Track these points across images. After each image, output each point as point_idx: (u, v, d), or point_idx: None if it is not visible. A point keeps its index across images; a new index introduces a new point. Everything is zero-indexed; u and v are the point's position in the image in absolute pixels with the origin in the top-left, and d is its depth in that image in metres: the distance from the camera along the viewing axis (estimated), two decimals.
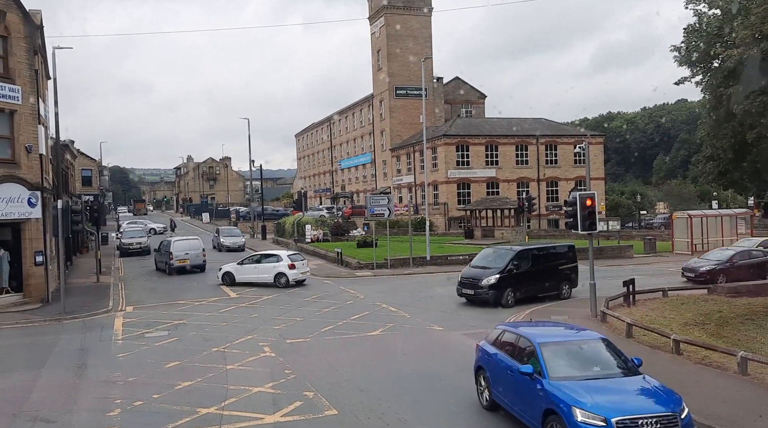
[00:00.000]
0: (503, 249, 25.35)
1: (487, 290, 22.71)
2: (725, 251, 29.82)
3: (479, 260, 24.98)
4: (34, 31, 25.29)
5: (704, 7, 20.11)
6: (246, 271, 29.46)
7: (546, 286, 24.23)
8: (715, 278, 26.88)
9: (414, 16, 71.05)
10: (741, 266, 27.98)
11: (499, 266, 23.35)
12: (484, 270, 23.50)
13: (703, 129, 22.77)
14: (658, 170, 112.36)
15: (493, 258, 24.26)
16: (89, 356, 16.83)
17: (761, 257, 28.94)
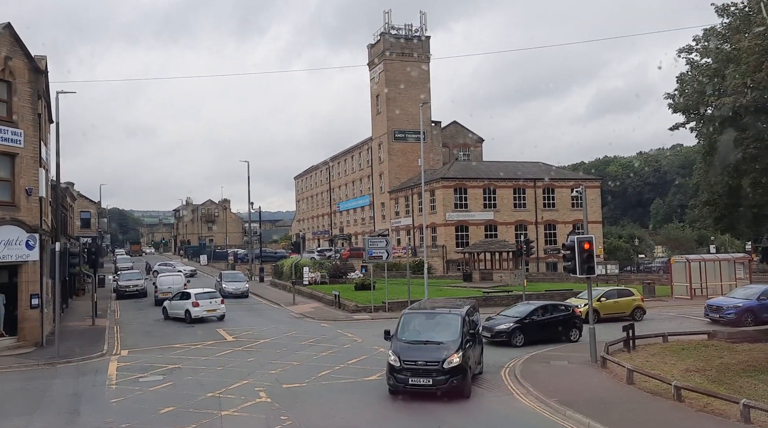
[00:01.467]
0: None
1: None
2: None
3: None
4: (38, 76, 25.70)
5: (696, 56, 20.56)
6: (173, 306, 32.87)
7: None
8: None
9: (412, 62, 72.40)
10: None
11: None
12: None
13: (699, 174, 23.00)
14: (656, 214, 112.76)
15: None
16: (82, 401, 16.56)
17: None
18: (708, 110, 19.62)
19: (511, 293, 38.99)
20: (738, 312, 27.07)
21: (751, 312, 27.08)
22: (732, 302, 28.06)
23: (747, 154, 17.59)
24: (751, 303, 27.54)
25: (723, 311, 27.64)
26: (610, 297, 30.71)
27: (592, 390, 16.53)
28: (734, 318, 26.84)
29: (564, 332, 24.67)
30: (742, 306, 27.25)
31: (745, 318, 26.64)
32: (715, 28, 20.08)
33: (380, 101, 73.83)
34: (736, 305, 27.40)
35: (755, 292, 28.42)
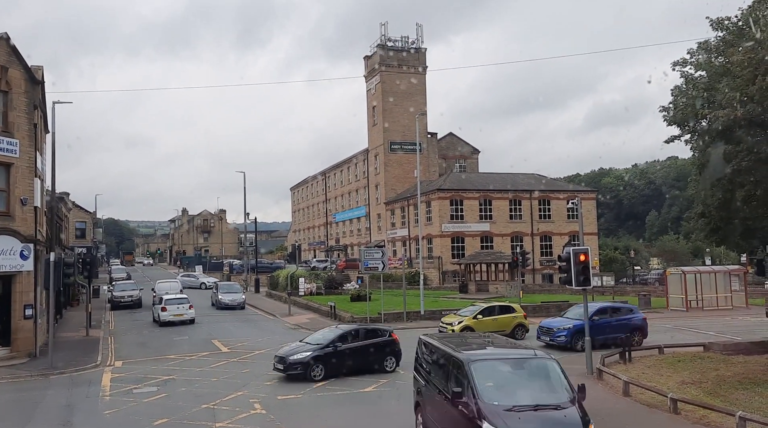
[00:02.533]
0: None
1: None
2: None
3: None
4: (35, 87, 25.73)
5: (691, 69, 20.71)
6: (154, 311, 36.90)
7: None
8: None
9: (408, 74, 72.69)
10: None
11: None
12: None
13: (694, 187, 23.07)
14: (651, 226, 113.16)
15: None
16: (75, 413, 16.44)
17: None
18: (702, 123, 19.73)
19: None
20: (569, 334, 24.72)
21: (583, 334, 23.30)
22: (564, 323, 25.61)
23: (741, 167, 17.67)
24: (583, 324, 23.64)
25: (553, 333, 25.25)
26: (490, 314, 28.41)
27: (588, 402, 16.37)
28: (565, 341, 24.63)
29: (377, 361, 20.89)
30: (573, 328, 24.77)
31: (576, 341, 24.08)
32: (709, 42, 20.25)
33: (376, 112, 74.06)
34: (566, 327, 25.03)
35: (589, 311, 25.74)
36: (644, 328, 26.16)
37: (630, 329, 25.44)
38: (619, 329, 25.27)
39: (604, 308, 26.50)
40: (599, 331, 24.38)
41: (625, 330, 25.19)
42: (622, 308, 27.12)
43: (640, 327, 26.10)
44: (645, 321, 26.45)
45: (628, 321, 25.98)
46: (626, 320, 26.07)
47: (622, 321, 25.91)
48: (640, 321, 26.26)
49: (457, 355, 11.87)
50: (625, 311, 26.88)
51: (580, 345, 23.19)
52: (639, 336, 25.62)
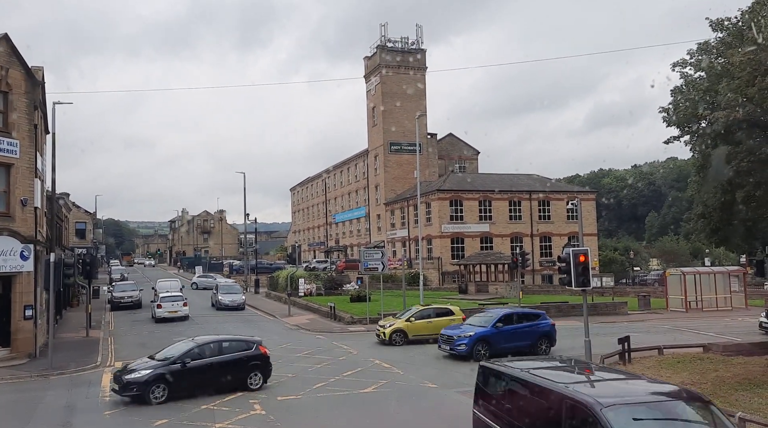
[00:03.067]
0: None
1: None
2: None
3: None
4: (35, 87, 25.75)
5: (690, 69, 20.73)
6: (153, 308, 38.71)
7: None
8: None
9: (408, 74, 72.75)
10: None
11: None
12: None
13: (693, 188, 23.07)
14: (650, 227, 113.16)
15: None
16: (75, 414, 16.45)
17: None
18: (702, 124, 19.75)
19: (506, 305, 38.95)
20: (470, 343, 22.96)
21: (485, 342, 23.17)
22: (465, 331, 23.75)
23: (740, 168, 17.68)
24: (485, 331, 23.54)
25: (453, 342, 23.30)
26: (424, 317, 27.82)
27: None
28: (465, 350, 22.84)
29: (239, 378, 18.51)
30: (474, 336, 23.18)
31: (478, 350, 22.76)
32: (709, 43, 20.27)
33: (376, 113, 74.08)
34: (467, 335, 23.25)
35: (492, 317, 24.39)
36: (552, 335, 24.79)
37: (537, 336, 24.32)
38: (525, 336, 24.06)
39: (509, 315, 24.92)
40: (503, 339, 23.37)
41: (532, 337, 24.18)
42: (529, 315, 25.65)
43: (548, 334, 24.74)
44: (553, 328, 24.99)
45: (535, 328, 24.59)
46: (533, 327, 24.61)
47: (529, 328, 24.52)
48: (548, 328, 24.83)
49: (576, 396, 8.47)
50: (532, 317, 25.31)
51: (481, 354, 22.35)
52: (546, 343, 24.48)
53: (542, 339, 24.43)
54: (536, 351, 23.31)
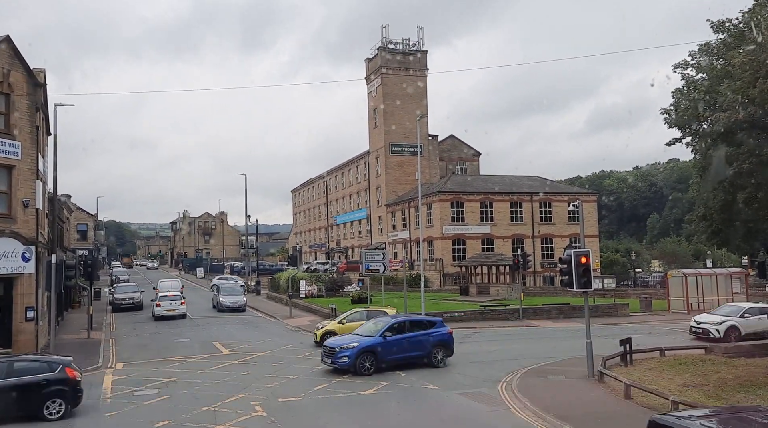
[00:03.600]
0: None
1: None
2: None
3: None
4: (37, 89, 25.77)
5: (692, 71, 20.73)
6: (153, 307, 40.23)
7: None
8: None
9: (409, 76, 72.75)
10: None
11: None
12: None
13: (695, 189, 23.07)
14: (652, 229, 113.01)
15: None
16: (76, 415, 16.43)
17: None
18: (703, 125, 19.74)
19: (507, 307, 38.96)
20: (353, 355, 20.75)
21: (371, 354, 21.01)
22: (349, 341, 21.68)
23: (742, 169, 17.68)
24: (371, 342, 21.37)
25: (335, 354, 21.05)
26: (356, 320, 27.04)
27: (589, 405, 16.50)
28: (348, 363, 20.67)
29: (31, 407, 15.85)
30: (358, 347, 20.99)
31: (362, 363, 20.73)
32: (710, 44, 20.27)
33: (377, 115, 74.09)
34: (351, 346, 21.06)
35: (381, 326, 22.29)
36: (449, 343, 22.88)
37: (432, 345, 22.31)
38: (418, 346, 22.17)
39: (400, 323, 22.69)
40: (392, 350, 21.53)
41: (426, 347, 22.22)
42: (423, 322, 23.53)
43: (444, 343, 22.73)
44: (450, 336, 23.06)
45: (429, 337, 22.49)
46: (427, 335, 22.50)
47: (423, 337, 22.42)
48: (444, 336, 22.85)
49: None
50: (427, 325, 23.21)
51: (366, 367, 20.66)
52: (443, 353, 22.52)
53: (437, 349, 22.41)
54: (431, 361, 21.90)
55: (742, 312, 28.35)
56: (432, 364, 21.95)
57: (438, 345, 22.50)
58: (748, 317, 28.11)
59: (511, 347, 26.87)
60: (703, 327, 28.27)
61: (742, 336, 27.18)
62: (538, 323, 35.41)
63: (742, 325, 27.73)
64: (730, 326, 27.61)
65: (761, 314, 28.48)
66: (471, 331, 32.16)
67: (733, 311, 28.87)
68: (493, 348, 26.59)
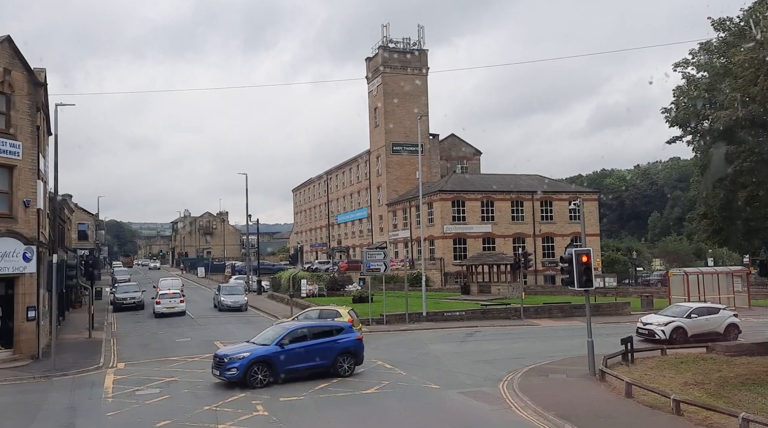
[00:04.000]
0: None
1: None
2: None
3: None
4: (37, 89, 25.78)
5: (693, 69, 20.72)
6: (153, 305, 41.66)
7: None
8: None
9: (410, 75, 72.73)
10: None
11: None
12: None
13: (696, 188, 23.06)
14: (653, 227, 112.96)
15: None
16: (78, 415, 16.45)
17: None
18: (704, 123, 19.73)
19: (509, 305, 38.97)
20: (242, 366, 18.80)
21: (265, 364, 19.18)
22: (240, 351, 19.74)
23: (743, 167, 17.67)
24: (265, 351, 19.52)
25: (224, 366, 19.05)
26: (310, 318, 27.27)
27: (591, 404, 16.49)
28: (237, 375, 18.74)
29: None
30: (250, 357, 19.12)
31: (253, 375, 18.84)
32: (711, 43, 20.25)
33: (378, 114, 74.08)
34: (241, 356, 19.17)
35: (279, 334, 20.45)
36: (357, 351, 21.08)
37: (337, 353, 20.51)
38: (320, 354, 20.36)
39: (300, 330, 20.81)
40: (291, 359, 19.65)
41: (330, 355, 20.39)
42: (328, 329, 21.62)
43: (351, 350, 20.88)
44: (359, 343, 21.21)
45: (334, 344, 20.66)
46: (331, 343, 20.67)
47: (327, 344, 20.61)
48: (351, 343, 20.98)
49: None
50: (331, 331, 21.36)
51: (259, 379, 18.84)
52: (350, 361, 20.69)
53: (343, 357, 20.63)
54: (337, 370, 20.26)
55: (688, 313, 27.44)
56: (337, 373, 20.20)
57: (345, 352, 20.70)
58: (695, 318, 27.15)
59: (512, 346, 26.87)
60: (649, 329, 27.31)
61: (688, 337, 26.32)
62: (540, 322, 35.40)
63: (689, 326, 26.83)
64: (676, 326, 26.68)
65: (709, 315, 27.65)
66: (472, 330, 32.19)
67: (680, 311, 27.95)
68: (494, 347, 26.60)
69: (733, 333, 27.47)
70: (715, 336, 26.64)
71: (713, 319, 27.63)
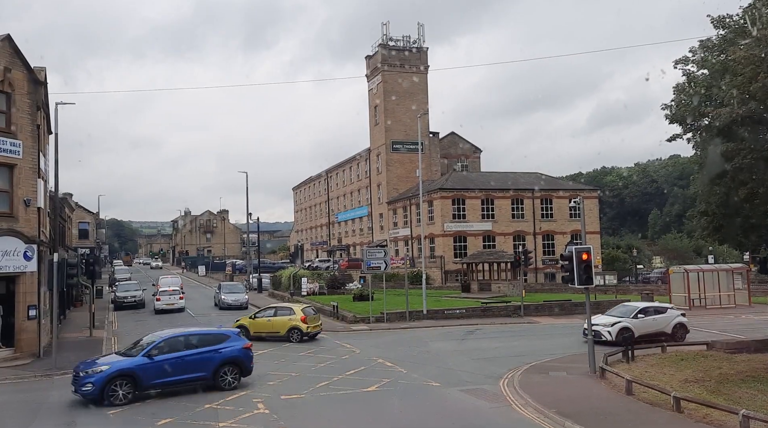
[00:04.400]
0: None
1: None
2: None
3: None
4: (37, 88, 25.77)
5: (693, 67, 20.70)
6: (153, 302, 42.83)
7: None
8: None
9: (410, 73, 72.66)
10: None
11: None
12: None
13: (696, 185, 23.05)
14: (653, 225, 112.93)
15: None
16: (79, 413, 16.47)
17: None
18: (704, 121, 19.73)
19: (509, 303, 38.98)
20: (100, 381, 16.87)
21: (129, 378, 17.21)
22: (105, 362, 17.81)
23: (743, 165, 17.67)
24: (129, 363, 17.57)
25: (80, 381, 17.07)
26: (267, 316, 29.06)
27: (591, 401, 16.51)
28: (93, 392, 16.85)
29: None
30: (110, 370, 17.17)
31: (113, 391, 16.92)
32: (711, 40, 20.23)
33: (378, 112, 74.05)
34: (99, 370, 17.21)
35: (148, 343, 18.50)
36: (244, 361, 19.13)
37: (218, 364, 18.56)
38: (198, 366, 18.35)
39: (175, 340, 18.77)
40: (160, 372, 17.72)
41: (209, 366, 18.43)
42: (208, 337, 19.37)
43: (235, 361, 18.93)
44: (245, 352, 19.27)
45: (215, 354, 18.65)
46: (211, 353, 18.65)
47: (206, 354, 18.60)
48: (236, 353, 19.02)
49: None
50: (212, 340, 19.15)
51: (119, 395, 16.92)
52: (235, 373, 18.81)
53: (227, 368, 18.68)
54: (218, 383, 18.38)
55: (635, 313, 26.43)
56: (219, 387, 18.32)
57: (228, 363, 18.75)
58: (642, 318, 26.27)
59: (512, 343, 26.90)
60: (595, 330, 24.75)
61: (635, 338, 24.93)
62: (540, 319, 35.42)
63: (635, 326, 25.81)
64: (623, 327, 25.64)
65: (656, 314, 26.82)
66: (473, 328, 32.20)
67: (627, 311, 26.87)
68: (494, 345, 26.63)
69: (681, 333, 26.71)
70: (663, 337, 25.86)
71: (661, 319, 26.80)
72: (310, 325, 28.26)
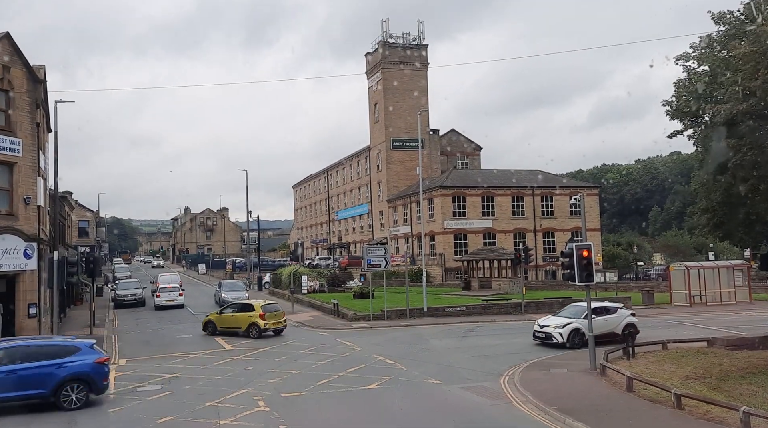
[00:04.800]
0: None
1: None
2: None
3: None
4: (37, 86, 25.74)
5: (694, 63, 20.66)
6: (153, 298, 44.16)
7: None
8: None
9: (410, 70, 72.53)
10: None
11: None
12: None
13: (697, 182, 23.02)
14: (654, 222, 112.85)
15: None
16: (79, 411, 16.44)
17: None
18: (705, 117, 19.69)
19: (510, 301, 38.96)
20: None
21: None
22: None
23: (744, 161, 17.63)
24: None
25: None
26: (230, 312, 30.47)
27: (592, 398, 16.50)
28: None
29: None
30: None
31: None
32: (711, 36, 20.20)
33: (378, 109, 73.95)
34: None
35: None
36: (95, 377, 16.84)
37: (60, 381, 16.34)
38: (36, 382, 16.20)
39: (7, 350, 16.67)
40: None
41: (50, 383, 16.28)
42: (52, 349, 16.99)
43: (85, 376, 16.68)
44: (97, 367, 16.97)
45: (59, 369, 16.42)
46: (55, 366, 16.43)
47: (47, 368, 16.34)
48: (85, 368, 16.72)
49: None
50: (55, 353, 16.78)
51: None
52: (82, 390, 16.57)
53: (72, 385, 16.46)
54: (59, 403, 16.27)
55: (585, 313, 23.27)
56: (61, 406, 16.20)
57: (74, 379, 16.49)
58: (594, 318, 24.05)
59: (513, 341, 26.88)
60: (546, 332, 25.15)
61: (585, 340, 22.64)
62: (539, 316, 35.31)
63: (586, 327, 23.79)
64: (573, 329, 24.58)
65: (606, 315, 25.51)
66: (473, 325, 32.20)
67: (577, 311, 25.37)
68: (495, 342, 26.62)
69: (630, 334, 25.04)
70: (613, 338, 24.58)
71: (611, 319, 25.62)
72: (269, 321, 29.11)
